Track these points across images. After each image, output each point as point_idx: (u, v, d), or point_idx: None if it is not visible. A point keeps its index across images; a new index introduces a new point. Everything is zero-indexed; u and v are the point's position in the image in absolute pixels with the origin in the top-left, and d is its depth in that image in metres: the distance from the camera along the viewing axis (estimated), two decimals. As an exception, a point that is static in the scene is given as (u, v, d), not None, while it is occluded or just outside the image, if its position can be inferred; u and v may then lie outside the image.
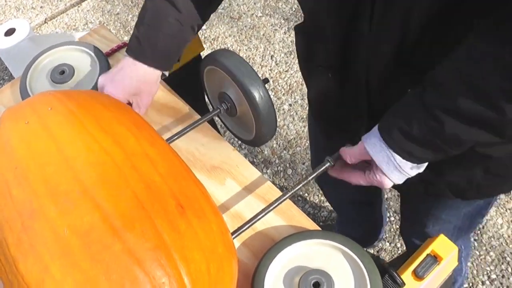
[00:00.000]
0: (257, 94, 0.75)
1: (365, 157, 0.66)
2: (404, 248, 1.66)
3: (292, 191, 0.72)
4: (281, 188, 1.88)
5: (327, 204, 1.82)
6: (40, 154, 0.55)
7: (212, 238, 0.55)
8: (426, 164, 0.65)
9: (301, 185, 0.73)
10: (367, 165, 0.69)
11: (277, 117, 2.07)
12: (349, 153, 0.69)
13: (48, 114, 0.61)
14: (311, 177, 0.74)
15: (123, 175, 0.54)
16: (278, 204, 0.71)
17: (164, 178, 0.56)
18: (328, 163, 0.74)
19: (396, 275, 0.69)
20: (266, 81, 0.86)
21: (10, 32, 1.96)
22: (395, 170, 0.64)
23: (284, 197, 0.72)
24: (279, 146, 2.00)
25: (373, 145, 0.64)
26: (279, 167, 1.94)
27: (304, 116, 2.07)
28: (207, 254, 0.53)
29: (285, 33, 2.40)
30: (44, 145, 0.57)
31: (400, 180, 0.66)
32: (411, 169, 0.64)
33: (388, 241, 1.70)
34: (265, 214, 0.71)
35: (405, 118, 0.60)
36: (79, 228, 0.49)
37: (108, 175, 0.54)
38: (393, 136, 0.62)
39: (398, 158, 0.62)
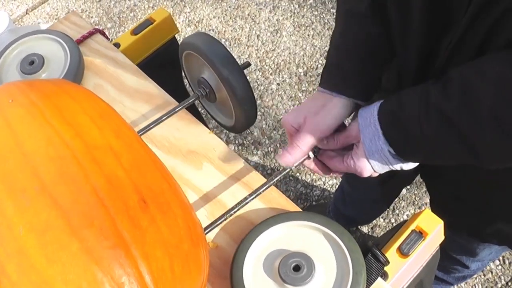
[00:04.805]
0: (234, 80, 0.72)
1: (352, 134, 0.64)
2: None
3: (275, 179, 0.71)
4: (272, 170, 1.85)
5: (319, 183, 1.80)
6: (-2, 149, 0.53)
7: (177, 233, 0.52)
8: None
9: (284, 173, 0.72)
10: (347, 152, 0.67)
11: (266, 97, 2.04)
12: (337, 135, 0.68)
13: (9, 106, 0.58)
14: (288, 170, 0.72)
15: (83, 170, 0.51)
16: (261, 192, 0.69)
17: (128, 171, 0.53)
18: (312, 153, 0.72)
19: (379, 253, 0.67)
20: (246, 65, 0.83)
21: (-12, 25, 1.92)
22: (377, 152, 0.61)
23: (267, 185, 0.70)
24: (268, 126, 1.97)
25: (365, 117, 0.62)
26: (269, 148, 1.91)
27: (293, 95, 2.04)
28: (170, 250, 0.50)
29: (270, 11, 2.35)
30: (2, 139, 0.54)
31: (379, 167, 0.63)
32: (393, 158, 0.61)
33: (382, 217, 1.69)
34: (247, 203, 0.69)
35: (402, 102, 0.58)
36: (36, 226, 0.47)
37: (67, 170, 0.51)
38: (386, 113, 0.60)
39: (382, 138, 0.60)
